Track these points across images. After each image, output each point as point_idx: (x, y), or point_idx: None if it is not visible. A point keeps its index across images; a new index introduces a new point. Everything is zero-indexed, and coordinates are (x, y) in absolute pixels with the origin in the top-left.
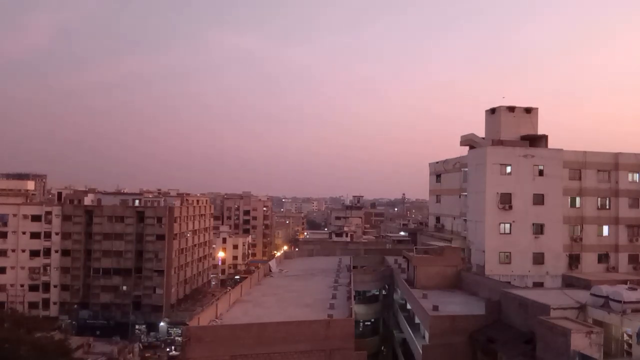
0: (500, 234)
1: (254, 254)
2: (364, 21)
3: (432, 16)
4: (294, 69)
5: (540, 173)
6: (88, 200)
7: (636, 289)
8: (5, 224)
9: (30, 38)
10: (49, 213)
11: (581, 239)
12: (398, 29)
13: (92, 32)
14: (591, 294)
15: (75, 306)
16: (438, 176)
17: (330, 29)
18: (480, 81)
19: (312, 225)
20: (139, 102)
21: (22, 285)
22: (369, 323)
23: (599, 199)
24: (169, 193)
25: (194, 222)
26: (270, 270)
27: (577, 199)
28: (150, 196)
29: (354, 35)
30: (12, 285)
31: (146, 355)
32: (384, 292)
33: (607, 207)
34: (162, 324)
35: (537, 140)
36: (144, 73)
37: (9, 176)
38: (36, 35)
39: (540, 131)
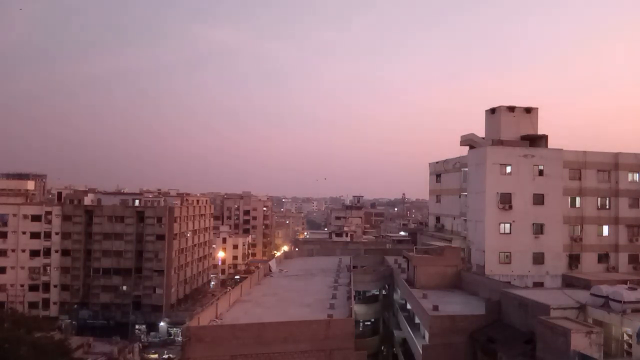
0: (500, 234)
1: (254, 254)
2: (358, 16)
3: (429, 10)
4: (293, 67)
5: (540, 173)
6: (88, 200)
7: (636, 289)
8: (5, 224)
9: (12, 31)
10: (49, 213)
11: (581, 239)
12: (393, 23)
13: (78, 25)
14: (591, 294)
15: (75, 306)
16: (438, 176)
17: (327, 25)
18: (480, 79)
19: (312, 225)
20: (138, 101)
21: (22, 285)
22: (369, 323)
23: (599, 199)
24: (169, 193)
25: (194, 222)
26: (270, 270)
27: (577, 199)
28: (150, 196)
29: (353, 32)
30: (12, 285)
31: (146, 355)
32: (384, 292)
33: (607, 207)
34: (162, 324)
35: (537, 140)
36: (142, 70)
37: (9, 176)
38: (18, 28)
39: (540, 131)
